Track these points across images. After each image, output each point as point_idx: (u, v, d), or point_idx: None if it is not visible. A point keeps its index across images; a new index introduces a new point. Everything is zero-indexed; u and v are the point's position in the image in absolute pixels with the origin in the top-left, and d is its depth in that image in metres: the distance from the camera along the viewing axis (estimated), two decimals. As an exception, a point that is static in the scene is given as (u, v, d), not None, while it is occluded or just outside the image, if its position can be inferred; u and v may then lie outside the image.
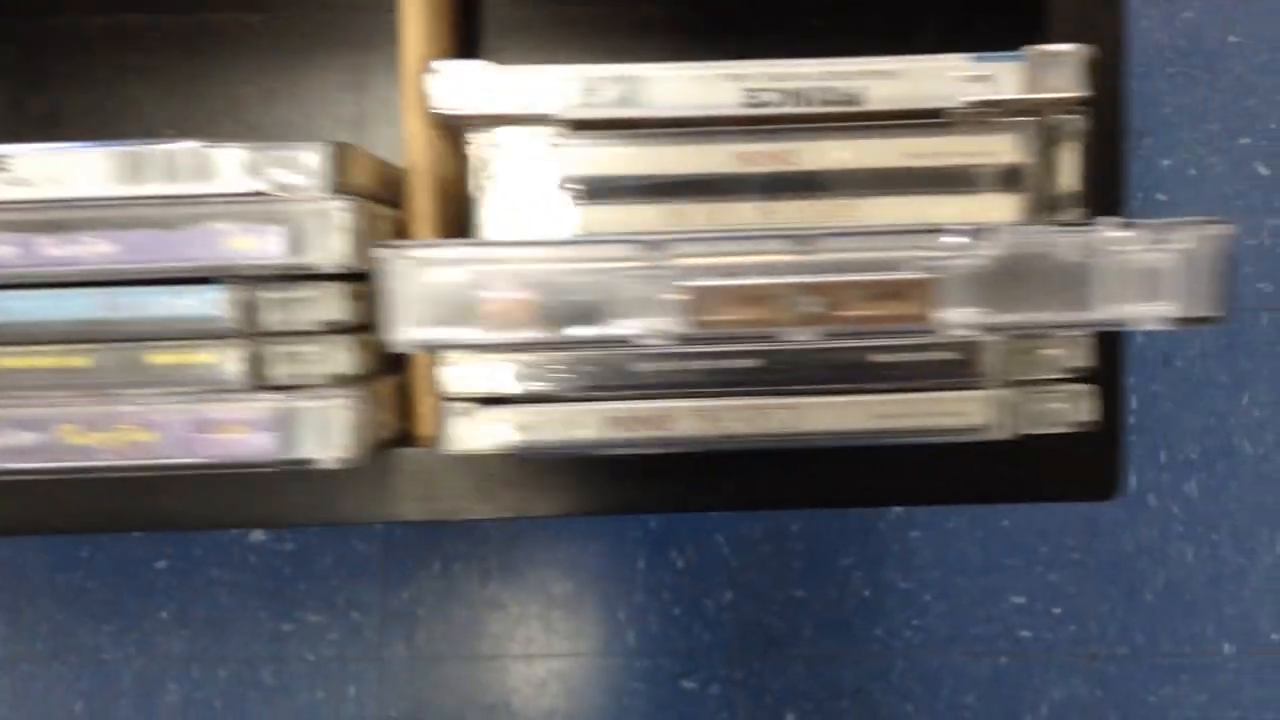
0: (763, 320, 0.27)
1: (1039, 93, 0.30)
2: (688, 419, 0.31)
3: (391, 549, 0.57)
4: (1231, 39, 0.61)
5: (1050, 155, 0.32)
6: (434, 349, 0.28)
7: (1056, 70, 0.30)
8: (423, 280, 0.26)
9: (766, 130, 0.32)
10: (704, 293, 0.27)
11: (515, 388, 0.31)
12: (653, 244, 0.26)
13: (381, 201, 0.32)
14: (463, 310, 0.26)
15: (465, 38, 0.50)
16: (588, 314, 0.26)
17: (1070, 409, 0.32)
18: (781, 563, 0.58)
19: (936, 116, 0.31)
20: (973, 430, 0.32)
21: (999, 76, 0.30)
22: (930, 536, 0.58)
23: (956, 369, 0.32)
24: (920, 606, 0.57)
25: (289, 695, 0.56)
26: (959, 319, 0.27)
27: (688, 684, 0.57)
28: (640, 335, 0.26)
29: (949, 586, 0.57)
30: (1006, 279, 0.28)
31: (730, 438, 0.32)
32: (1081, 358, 0.32)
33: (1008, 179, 0.32)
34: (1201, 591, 0.58)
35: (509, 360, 0.31)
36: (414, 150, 0.34)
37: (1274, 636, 0.58)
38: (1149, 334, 0.59)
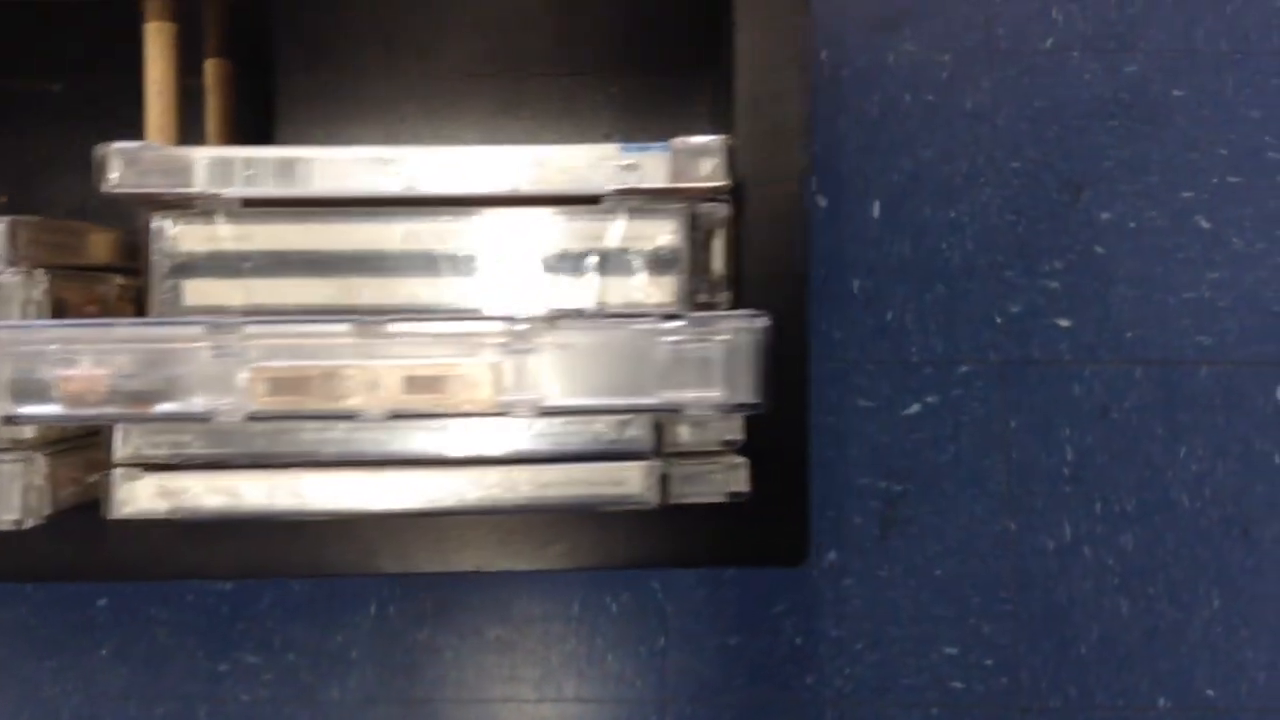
0: (330, 398, 0.28)
1: (684, 182, 0.32)
2: (355, 488, 0.33)
3: (328, 591, 0.57)
4: (1176, 93, 0.62)
5: (703, 240, 0.33)
6: (18, 424, 0.30)
7: (700, 161, 0.32)
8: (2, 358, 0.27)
9: (434, 210, 0.33)
10: (269, 374, 0.28)
11: (177, 455, 0.32)
12: (221, 326, 0.28)
13: (119, 270, 0.33)
14: (42, 387, 0.27)
15: (264, 106, 0.53)
16: (162, 392, 0.28)
17: (724, 480, 0.34)
18: (715, 609, 0.58)
19: (598, 201, 0.33)
20: (630, 499, 0.33)
21: (645, 166, 0.32)
22: (862, 585, 0.58)
23: (618, 441, 0.33)
24: (852, 655, 0.57)
25: (224, 734, 0.56)
26: (524, 401, 0.29)
27: (621, 729, 0.57)
28: (210, 413, 0.28)
29: (881, 636, 0.58)
30: (572, 364, 0.29)
31: (400, 509, 0.33)
32: (737, 431, 0.34)
33: (663, 262, 0.33)
34: (1137, 645, 0.58)
35: (173, 430, 0.32)
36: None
37: (1209, 693, 0.57)
38: (1086, 385, 0.59)
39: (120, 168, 0.31)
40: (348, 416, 0.28)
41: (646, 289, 0.32)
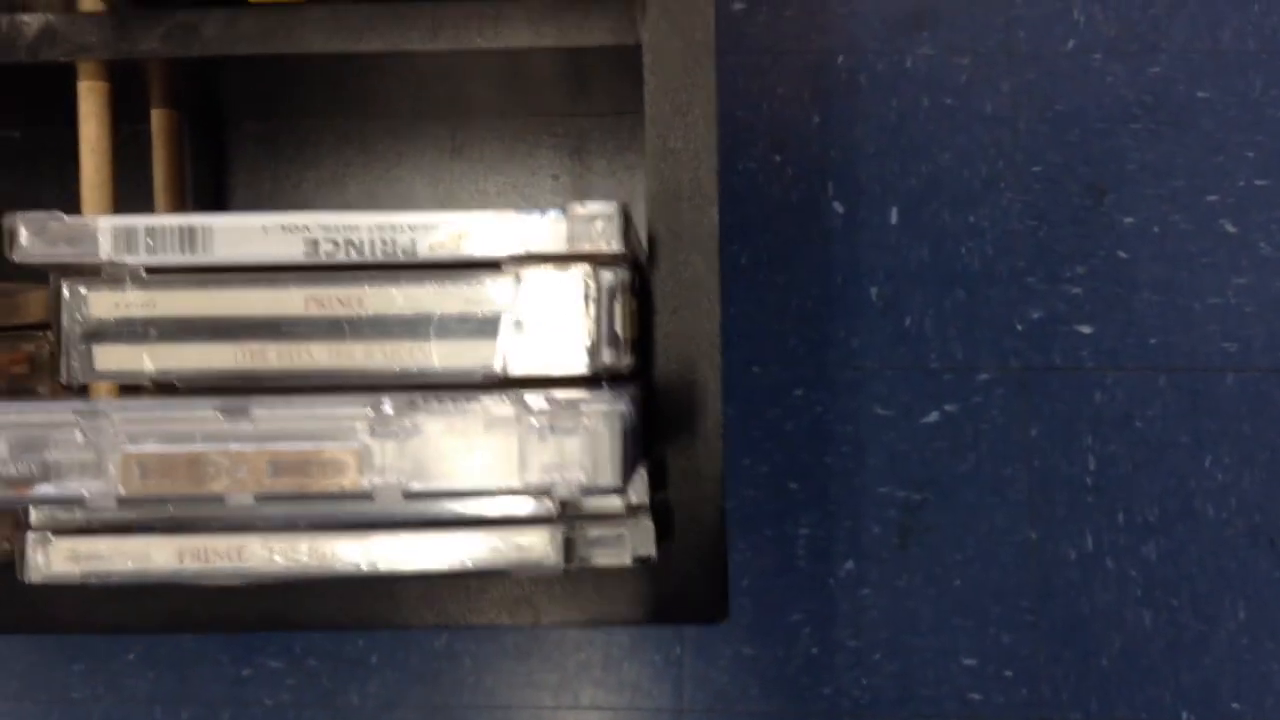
0: (197, 482, 0.29)
1: (581, 246, 0.32)
2: (261, 553, 0.33)
3: (348, 597, 0.58)
4: (1200, 94, 0.61)
5: (606, 303, 0.33)
6: None
7: (595, 226, 0.32)
8: None
9: (336, 275, 0.33)
10: (138, 458, 0.29)
11: (91, 520, 0.32)
12: (90, 410, 0.28)
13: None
14: None
15: (216, 154, 0.55)
16: (39, 476, 0.28)
17: (632, 543, 0.34)
18: (732, 618, 0.58)
19: (498, 266, 0.33)
20: (535, 564, 0.33)
21: (541, 231, 0.32)
22: (881, 595, 0.58)
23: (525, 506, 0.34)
24: (869, 666, 0.57)
25: (246, 739, 0.57)
26: (390, 485, 0.29)
27: (638, 737, 0.57)
28: (82, 498, 0.28)
29: (899, 646, 0.57)
30: (436, 447, 0.29)
31: (308, 572, 0.33)
32: (643, 494, 0.34)
33: (563, 327, 0.33)
34: (1159, 657, 0.57)
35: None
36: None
37: (1234, 705, 0.57)
38: (1109, 393, 0.59)
39: (28, 236, 0.32)
40: (216, 499, 0.29)
41: (547, 354, 0.33)
